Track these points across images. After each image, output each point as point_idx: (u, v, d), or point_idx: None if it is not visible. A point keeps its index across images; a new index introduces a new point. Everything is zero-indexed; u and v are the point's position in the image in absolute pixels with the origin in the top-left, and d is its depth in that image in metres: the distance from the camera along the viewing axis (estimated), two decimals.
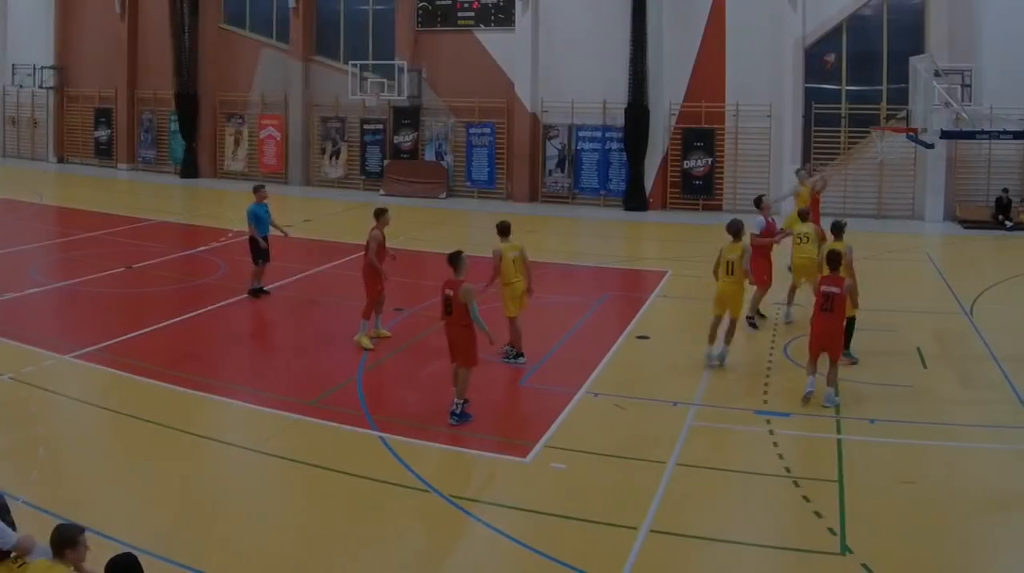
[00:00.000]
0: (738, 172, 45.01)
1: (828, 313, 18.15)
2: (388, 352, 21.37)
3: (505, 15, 48.33)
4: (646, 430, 16.92)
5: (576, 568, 11.80)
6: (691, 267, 25.56)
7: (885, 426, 16.95)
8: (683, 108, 45.54)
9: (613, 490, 14.34)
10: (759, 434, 16.55)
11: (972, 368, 20.72)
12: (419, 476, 14.52)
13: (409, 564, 12.17)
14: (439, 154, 50.33)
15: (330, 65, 52.67)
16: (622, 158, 46.10)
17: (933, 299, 26.04)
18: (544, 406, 17.96)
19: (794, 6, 42.78)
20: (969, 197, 42.00)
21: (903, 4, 42.65)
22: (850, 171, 43.02)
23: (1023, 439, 16.40)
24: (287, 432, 16.39)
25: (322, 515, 13.37)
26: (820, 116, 43.48)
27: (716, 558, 12.59)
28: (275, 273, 27.04)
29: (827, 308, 18.12)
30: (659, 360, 21.13)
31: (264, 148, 54.56)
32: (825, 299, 18.14)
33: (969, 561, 12.46)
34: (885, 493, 14.22)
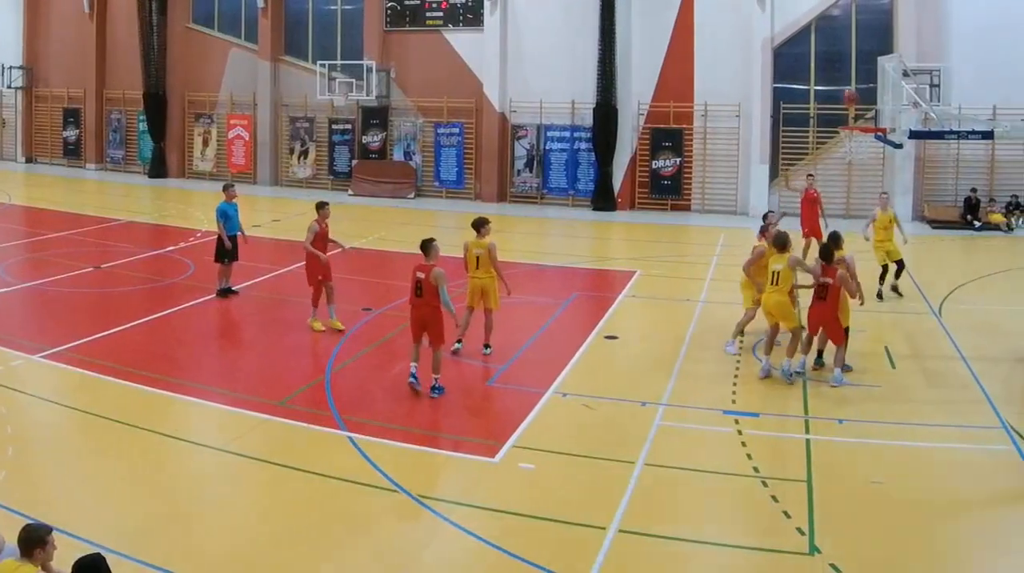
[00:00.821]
0: (707, 172, 45.18)
1: (822, 301, 18.91)
2: (356, 352, 21.37)
3: (473, 15, 48.46)
4: (615, 430, 16.87)
5: (544, 568, 11.81)
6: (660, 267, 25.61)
7: (854, 426, 17.01)
8: (651, 108, 45.72)
9: (582, 490, 14.34)
10: (728, 434, 16.58)
11: (941, 368, 20.77)
12: (387, 476, 14.50)
13: (377, 564, 12.15)
14: (407, 154, 50.43)
15: (298, 65, 52.79)
16: (590, 158, 46.33)
17: (902, 299, 26.09)
18: (513, 406, 17.96)
19: (763, 6, 43.04)
20: (937, 197, 42.30)
21: (872, 4, 42.92)
22: (819, 171, 42.77)
23: (992, 439, 16.43)
24: (255, 432, 16.35)
25: (290, 515, 13.36)
26: (789, 116, 43.77)
27: (684, 558, 12.58)
28: (244, 273, 27.00)
29: (821, 296, 18.84)
30: (628, 360, 21.13)
31: (233, 148, 54.57)
32: (820, 288, 18.83)
33: (937, 561, 12.48)
34: (854, 493, 14.25)
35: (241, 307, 25.38)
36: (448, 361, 19.92)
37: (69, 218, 38.88)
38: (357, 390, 18.86)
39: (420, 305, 18.44)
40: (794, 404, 18.17)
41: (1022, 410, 18.09)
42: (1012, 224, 40.09)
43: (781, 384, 19.19)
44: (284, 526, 12.99)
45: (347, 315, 23.92)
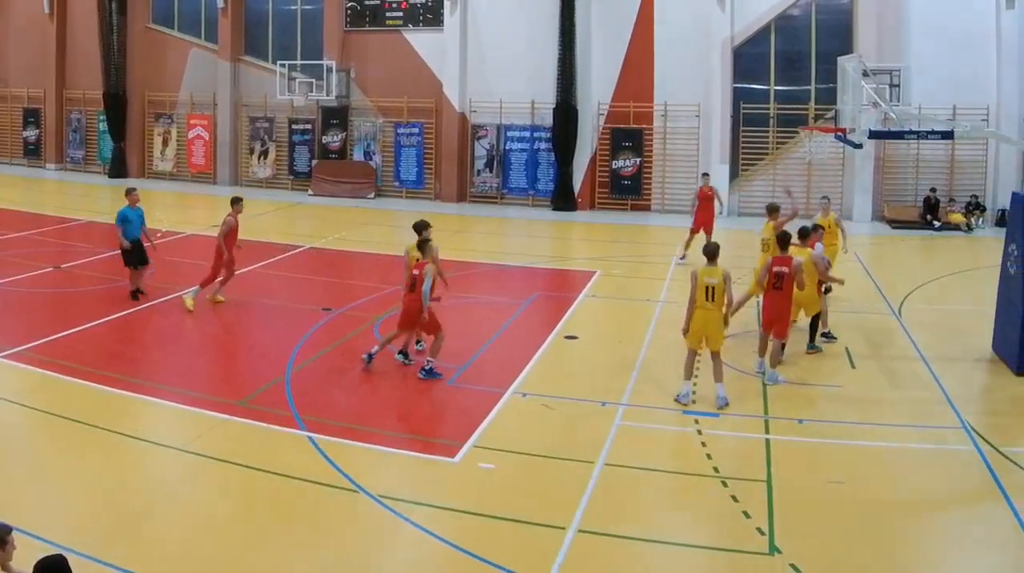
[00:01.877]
0: (666, 172, 45.24)
1: (778, 291, 19.00)
2: (316, 352, 21.33)
3: (433, 15, 48.44)
4: (575, 430, 16.93)
5: (504, 568, 11.82)
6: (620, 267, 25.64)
7: (814, 426, 17.10)
8: (611, 108, 45.78)
9: (541, 490, 14.37)
10: (688, 434, 16.64)
11: (901, 368, 20.84)
12: (347, 476, 14.49)
13: (337, 564, 12.15)
14: (367, 154, 50.34)
15: (259, 65, 52.64)
16: (550, 158, 46.31)
17: (862, 299, 26.11)
18: (472, 406, 17.92)
19: (722, 6, 43.16)
20: (897, 197, 42.52)
21: (831, 4, 43.09)
22: (778, 171, 43.37)
23: (951, 439, 16.52)
24: (215, 432, 16.29)
25: (250, 515, 13.37)
26: (748, 116, 43.89)
27: (644, 558, 12.60)
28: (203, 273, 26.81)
29: (777, 286, 18.93)
30: (588, 360, 21.13)
31: (192, 148, 54.34)
32: (776, 278, 18.90)
33: (897, 561, 12.51)
34: (814, 493, 14.30)
35: (201, 308, 25.13)
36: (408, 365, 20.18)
37: (29, 218, 38.70)
38: (317, 390, 18.80)
39: (412, 299, 19.40)
40: (754, 404, 18.19)
41: (982, 410, 18.33)
42: (972, 224, 40.29)
43: (741, 384, 19.24)
44: (244, 526, 12.99)
45: (307, 315, 24.07)
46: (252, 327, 24.09)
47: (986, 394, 19.72)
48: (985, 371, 20.78)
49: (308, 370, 20.00)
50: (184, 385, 18.77)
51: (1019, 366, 19.84)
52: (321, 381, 19.43)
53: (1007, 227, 22.05)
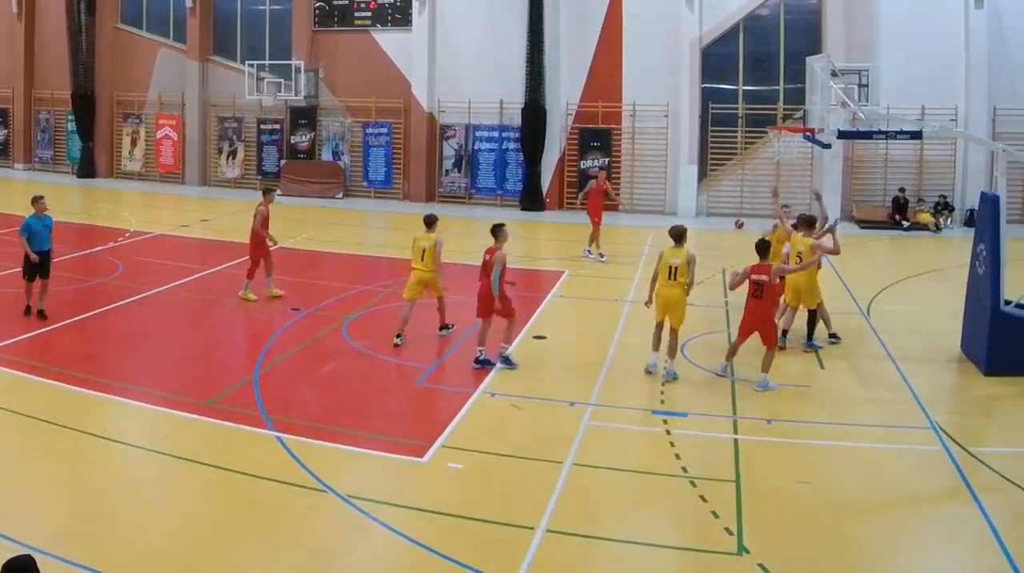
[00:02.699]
0: (635, 172, 45.38)
1: (758, 300, 18.86)
2: (285, 352, 21.32)
3: (402, 15, 48.48)
4: (543, 430, 16.93)
5: (473, 568, 11.80)
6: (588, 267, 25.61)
7: (782, 426, 17.14)
8: (580, 108, 45.89)
9: (510, 490, 14.37)
10: (656, 434, 16.63)
11: (869, 368, 20.90)
12: (316, 476, 14.47)
13: (306, 564, 12.08)
14: (336, 154, 50.40)
15: (227, 65, 52.56)
16: (519, 158, 46.39)
17: (830, 299, 25.88)
18: (441, 406, 18.07)
19: (691, 6, 43.18)
20: (866, 197, 42.74)
21: (800, 4, 43.24)
22: (747, 171, 43.59)
23: (920, 439, 16.55)
24: (184, 432, 16.24)
25: (219, 515, 13.31)
26: (717, 116, 44.00)
27: (613, 558, 12.60)
28: (173, 273, 26.84)
29: (757, 295, 18.79)
30: (556, 360, 21.09)
31: (161, 148, 54.34)
32: (756, 287, 18.77)
33: (865, 561, 12.53)
34: (782, 493, 14.31)
35: (170, 308, 25.28)
36: (378, 361, 20.50)
37: None
38: (286, 390, 18.78)
39: (486, 284, 20.17)
40: (723, 404, 18.21)
41: (950, 410, 18.39)
42: (940, 224, 40.47)
43: (709, 384, 19.32)
44: (213, 526, 12.94)
45: (276, 315, 24.14)
46: (221, 327, 24.13)
47: (954, 394, 19.79)
48: (954, 371, 20.85)
49: (277, 370, 19.99)
50: (152, 385, 18.71)
51: (988, 366, 19.89)
52: (290, 381, 19.38)
53: (976, 227, 22.11)
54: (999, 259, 20.02)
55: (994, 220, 20.13)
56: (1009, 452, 15.97)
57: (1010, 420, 17.97)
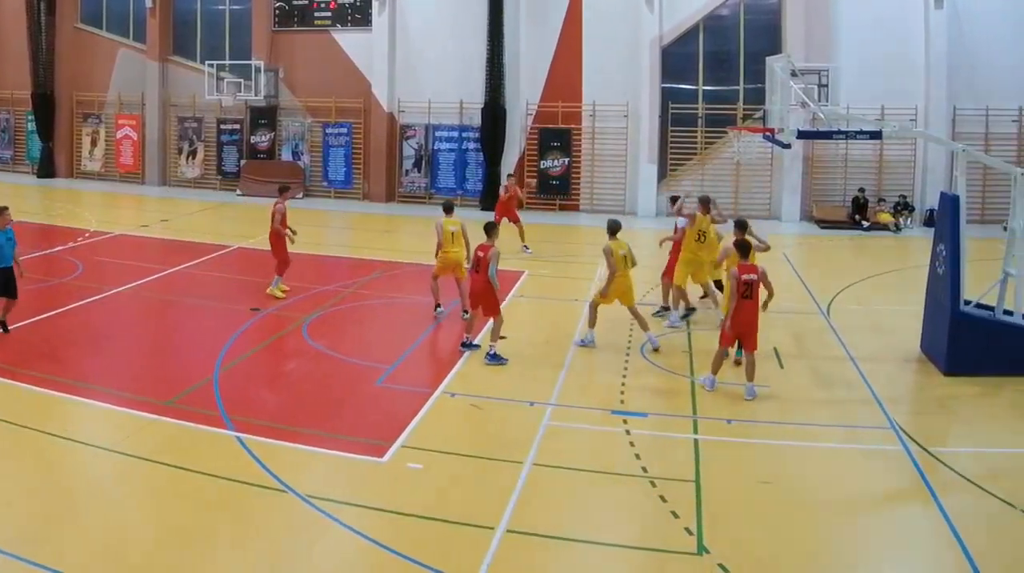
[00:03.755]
0: (595, 172, 45.48)
1: (749, 300, 18.68)
2: (245, 352, 21.30)
3: (362, 15, 48.48)
4: (503, 430, 16.96)
5: (433, 568, 11.80)
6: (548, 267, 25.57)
7: (742, 426, 17.17)
8: (540, 108, 45.95)
9: (470, 490, 14.39)
10: (616, 434, 16.64)
11: (829, 368, 20.93)
12: (276, 476, 14.46)
13: (265, 564, 12.08)
14: (296, 154, 50.36)
15: (187, 65, 52.43)
16: (479, 158, 46.48)
17: (790, 299, 26.09)
18: (401, 406, 17.91)
19: (651, 6, 43.27)
20: (826, 197, 42.83)
21: (760, 4, 43.37)
22: (707, 171, 43.70)
23: (879, 439, 16.61)
24: (144, 432, 16.20)
25: (178, 515, 13.27)
26: (677, 116, 44.07)
27: (573, 558, 12.63)
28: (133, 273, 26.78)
29: (747, 295, 18.64)
30: (516, 360, 20.89)
31: (121, 148, 54.20)
32: (746, 287, 18.62)
33: (825, 561, 12.60)
34: (742, 493, 14.35)
35: (130, 308, 25.27)
36: (338, 361, 20.68)
37: None
38: (245, 390, 18.82)
39: (476, 279, 20.81)
40: (682, 404, 18.26)
41: (910, 410, 18.49)
42: (900, 224, 40.59)
43: (669, 384, 19.40)
44: (173, 526, 12.90)
45: (236, 315, 24.04)
46: (181, 327, 24.04)
47: (914, 394, 19.86)
48: (913, 371, 20.90)
49: (236, 370, 19.98)
50: (112, 385, 18.68)
51: (948, 366, 20.00)
52: (249, 381, 19.46)
53: (935, 227, 22.16)
54: (959, 259, 20.11)
55: (954, 220, 20.22)
56: (969, 452, 16.09)
57: (970, 420, 18.03)
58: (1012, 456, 16.00)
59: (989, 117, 40.91)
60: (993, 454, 15.99)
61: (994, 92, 40.64)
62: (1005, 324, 20.29)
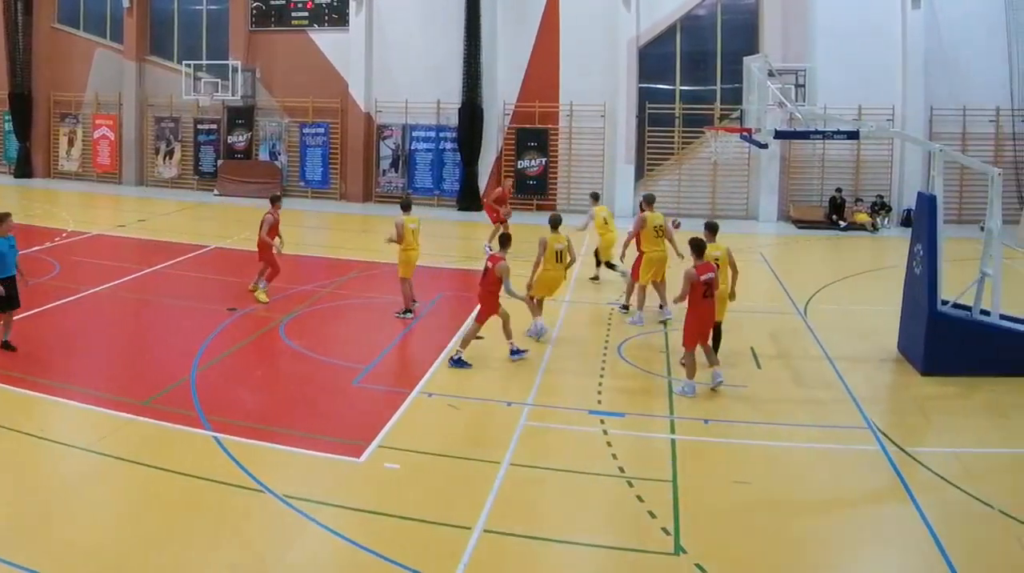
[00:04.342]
0: (572, 172, 45.54)
1: (709, 299, 18.74)
2: (222, 352, 21.26)
3: (339, 15, 48.54)
4: (480, 430, 17.03)
5: (410, 568, 11.82)
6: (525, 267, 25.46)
7: (719, 426, 17.18)
8: (517, 108, 46.01)
9: (447, 490, 14.36)
10: (593, 434, 16.65)
11: (806, 368, 20.96)
12: (253, 476, 14.45)
13: (243, 564, 12.06)
14: (273, 154, 50.30)
15: (164, 65, 52.41)
16: (456, 158, 46.47)
17: (767, 299, 26.25)
18: (378, 406, 17.92)
19: (628, 6, 43.41)
20: (803, 197, 42.89)
21: (737, 4, 43.50)
22: (684, 171, 43.83)
23: (856, 439, 16.63)
24: (121, 432, 16.17)
25: (156, 515, 13.25)
26: (654, 116, 44.18)
27: (550, 558, 12.62)
28: (110, 273, 26.76)
29: (708, 294, 18.67)
30: (493, 360, 21.02)
31: (98, 148, 54.10)
32: (705, 287, 18.63)
33: (802, 560, 12.61)
34: (719, 493, 14.36)
35: (106, 307, 25.23)
36: (315, 361, 20.67)
37: None
38: (223, 390, 18.76)
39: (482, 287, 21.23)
40: (660, 404, 18.28)
41: (887, 410, 18.52)
42: (877, 224, 40.65)
43: (646, 384, 19.45)
44: (150, 526, 12.89)
45: (213, 315, 24.02)
46: (158, 327, 23.94)
47: (891, 394, 19.88)
48: (890, 371, 20.92)
49: (213, 370, 19.93)
50: (89, 385, 18.64)
51: (925, 366, 20.05)
52: (227, 381, 19.40)
53: (912, 227, 22.27)
54: (936, 259, 20.15)
55: (931, 220, 20.25)
56: (946, 452, 16.08)
57: (947, 420, 18.05)
58: (989, 456, 16.05)
59: (966, 117, 41.04)
60: (970, 454, 15.99)
61: (971, 92, 40.80)
62: (982, 324, 20.34)
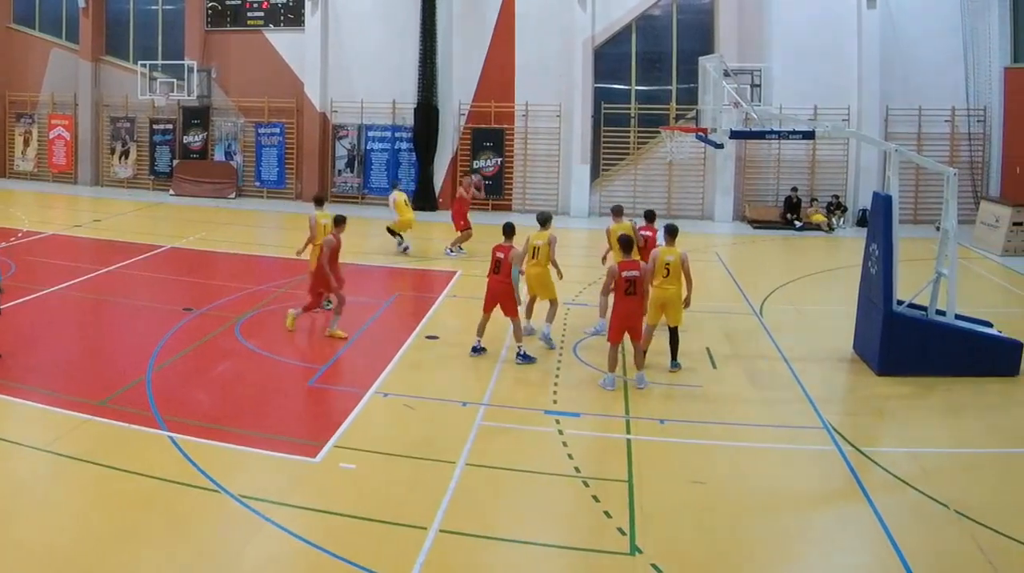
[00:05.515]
0: (527, 172, 45.62)
1: (632, 296, 18.76)
2: (178, 352, 21.18)
3: (295, 15, 48.46)
4: (436, 430, 16.95)
5: (366, 568, 11.80)
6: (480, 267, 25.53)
7: (675, 426, 17.22)
8: (473, 108, 45.99)
9: (403, 490, 14.35)
10: (549, 434, 16.67)
11: (762, 368, 21.02)
12: (208, 476, 14.40)
13: (198, 564, 12.03)
14: (228, 154, 50.20)
15: (120, 65, 52.17)
16: (412, 158, 46.42)
17: (723, 299, 26.29)
18: (333, 406, 18.03)
19: (583, 6, 43.38)
20: (759, 197, 43.08)
21: (692, 4, 43.58)
22: (640, 171, 43.91)
23: (812, 439, 16.69)
24: (77, 432, 16.11)
25: (111, 515, 13.21)
26: (610, 116, 44.19)
27: (506, 558, 12.64)
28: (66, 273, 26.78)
29: (631, 292, 18.70)
30: (449, 360, 21.08)
31: (54, 148, 53.86)
32: (628, 283, 18.68)
33: (758, 560, 12.62)
34: (675, 493, 14.37)
35: (62, 307, 25.11)
36: (271, 361, 20.62)
37: None
38: (178, 390, 18.67)
39: (497, 281, 20.86)
40: (615, 404, 18.27)
41: (842, 410, 18.51)
42: (833, 224, 40.80)
43: None
44: (105, 526, 12.85)
45: (168, 315, 24.01)
46: (113, 327, 23.93)
47: (847, 394, 19.88)
48: (846, 371, 20.97)
49: (169, 370, 19.87)
50: (44, 385, 18.56)
51: (880, 366, 20.12)
52: (182, 381, 19.31)
53: (868, 227, 22.30)
54: (891, 259, 20.21)
55: (886, 220, 20.32)
56: (901, 452, 16.16)
57: (902, 420, 18.17)
58: (944, 456, 16.15)
59: (922, 117, 41.33)
60: (925, 454, 16.06)
61: (927, 92, 41.10)
62: (937, 324, 20.49)
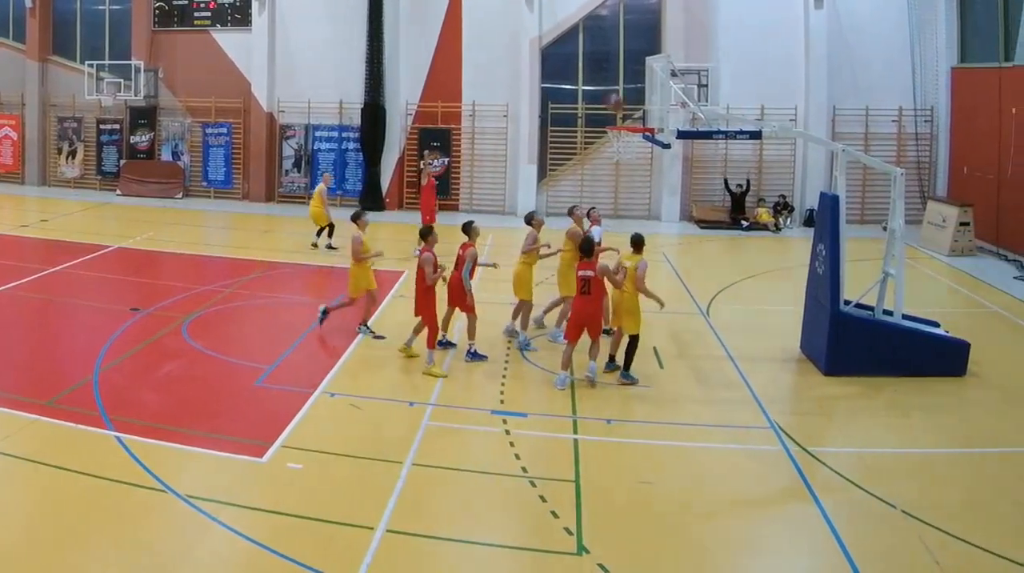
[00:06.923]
0: (474, 172, 45.67)
1: (587, 295, 18.96)
2: (125, 352, 21.10)
3: (242, 15, 48.30)
4: (383, 430, 16.97)
5: (312, 568, 11.81)
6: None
7: (622, 426, 17.29)
8: (420, 108, 45.99)
9: (350, 490, 14.37)
10: (496, 434, 16.71)
11: (709, 368, 21.06)
12: (155, 476, 14.37)
13: (144, 564, 11.97)
14: (175, 154, 49.98)
15: (67, 65, 51.86)
16: (359, 158, 46.43)
17: (670, 299, 25.98)
18: (280, 406, 17.86)
19: (530, 6, 43.45)
20: (706, 197, 43.15)
21: (639, 4, 43.68)
22: (586, 171, 44.02)
23: (759, 439, 16.76)
24: (24, 432, 16.04)
25: (57, 515, 13.16)
26: (557, 116, 44.26)
27: (452, 558, 12.65)
28: (12, 273, 26.79)
29: (585, 291, 18.93)
30: (396, 359, 21.00)
31: (1, 148, 53.50)
32: (583, 283, 18.92)
33: (706, 561, 12.64)
34: (622, 493, 14.43)
35: (8, 307, 25.00)
36: (218, 361, 20.71)
37: None
38: (125, 390, 18.62)
39: (456, 279, 21.18)
40: (562, 404, 18.31)
41: (789, 410, 18.58)
42: (780, 224, 40.96)
43: (549, 385, 19.38)
44: (51, 526, 12.82)
45: (115, 315, 23.90)
46: (60, 327, 23.76)
47: (794, 394, 19.95)
48: (793, 371, 21.05)
49: (116, 370, 19.79)
50: None
51: (827, 366, 20.21)
52: (129, 381, 19.24)
53: (815, 227, 22.41)
54: (839, 259, 20.31)
55: (834, 220, 20.41)
56: (848, 452, 16.26)
57: (849, 420, 18.23)
58: (891, 456, 16.23)
59: (869, 117, 41.60)
60: (872, 454, 16.17)
61: (874, 92, 41.39)
62: (885, 324, 20.62)
